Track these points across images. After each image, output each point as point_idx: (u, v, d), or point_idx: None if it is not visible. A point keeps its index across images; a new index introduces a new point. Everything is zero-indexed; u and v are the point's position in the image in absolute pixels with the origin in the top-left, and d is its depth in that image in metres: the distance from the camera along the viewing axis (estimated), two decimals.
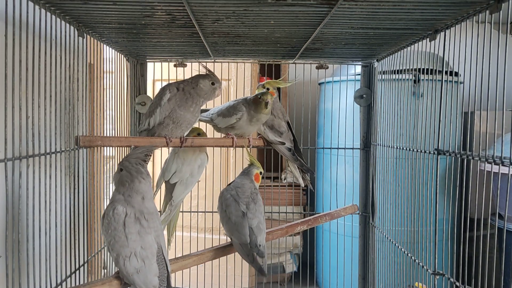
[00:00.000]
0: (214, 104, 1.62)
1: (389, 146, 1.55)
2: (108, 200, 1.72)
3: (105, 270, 2.02)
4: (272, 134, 1.46)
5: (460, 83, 2.37)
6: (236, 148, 2.72)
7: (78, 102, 1.22)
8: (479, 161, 1.00)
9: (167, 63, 1.75)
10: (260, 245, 1.17)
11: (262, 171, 1.33)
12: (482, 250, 0.99)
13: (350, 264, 1.85)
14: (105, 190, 1.70)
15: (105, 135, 1.74)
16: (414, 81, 1.68)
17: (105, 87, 1.70)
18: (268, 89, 1.47)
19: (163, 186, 1.50)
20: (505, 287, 0.93)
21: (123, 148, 1.60)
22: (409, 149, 1.40)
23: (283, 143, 1.47)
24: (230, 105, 1.44)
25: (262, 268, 1.16)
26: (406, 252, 1.42)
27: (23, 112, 0.91)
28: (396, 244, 1.50)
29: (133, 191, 1.01)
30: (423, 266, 1.28)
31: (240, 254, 1.19)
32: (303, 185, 1.56)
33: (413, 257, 1.36)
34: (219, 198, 1.28)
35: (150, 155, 1.40)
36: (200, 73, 1.35)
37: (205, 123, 1.55)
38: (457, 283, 1.08)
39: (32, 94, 0.96)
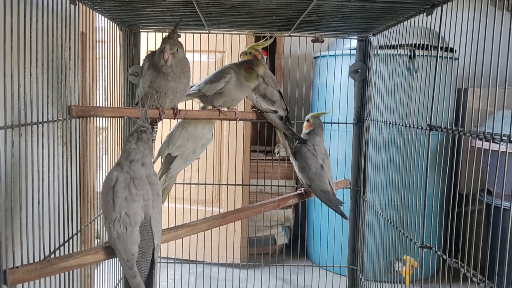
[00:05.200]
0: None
1: (382, 122, 1.56)
2: (101, 170, 1.73)
3: (98, 240, 2.04)
4: (264, 103, 1.46)
5: (455, 59, 2.37)
6: (230, 122, 2.72)
7: (70, 71, 1.21)
8: (470, 138, 1.01)
9: (161, 33, 1.72)
10: (335, 194, 1.41)
11: None
12: (470, 225, 1.01)
13: (340, 237, 1.88)
14: (97, 161, 1.70)
15: (98, 105, 1.73)
16: (410, 57, 1.67)
17: (97, 57, 1.68)
18: (254, 53, 1.46)
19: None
20: (491, 261, 0.95)
21: (116, 119, 1.59)
22: (402, 125, 1.41)
23: (276, 111, 1.46)
24: (218, 71, 1.44)
25: (343, 212, 1.37)
26: (395, 225, 1.44)
27: (15, 81, 0.90)
28: (386, 218, 1.52)
29: (143, 159, 1.02)
30: (411, 240, 1.30)
31: (321, 199, 1.40)
32: (291, 155, 1.57)
33: (402, 231, 1.39)
34: (296, 152, 1.46)
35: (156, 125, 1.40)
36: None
37: (191, 100, 1.54)
38: (444, 256, 1.10)
39: (24, 62, 0.94)
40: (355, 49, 1.78)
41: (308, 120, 1.51)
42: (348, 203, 1.83)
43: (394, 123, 1.47)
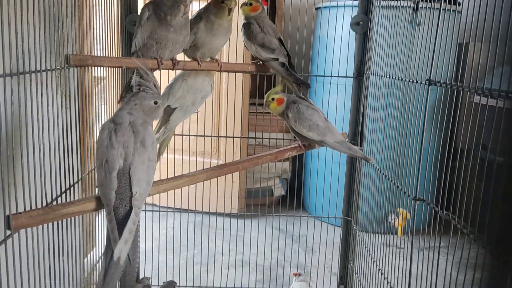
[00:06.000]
0: None
1: (382, 76, 1.55)
2: (99, 120, 1.73)
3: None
4: (264, 52, 1.44)
5: (458, 12, 2.32)
6: (229, 74, 2.69)
7: (67, 19, 1.19)
8: (468, 93, 1.01)
9: None
10: None
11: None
12: (463, 179, 1.03)
13: (336, 189, 1.92)
14: (96, 111, 1.70)
15: (95, 54, 1.71)
16: (413, 9, 1.64)
17: (94, 4, 1.64)
18: (255, 4, 1.43)
19: None
20: (483, 215, 0.98)
21: (114, 68, 1.58)
22: (402, 79, 1.40)
23: (277, 59, 1.44)
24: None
25: (366, 156, 1.40)
26: (390, 179, 1.47)
27: (12, 28, 0.89)
28: (382, 171, 1.55)
29: (131, 110, 1.03)
30: (405, 192, 1.33)
31: (340, 150, 1.39)
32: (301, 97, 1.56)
33: (396, 184, 1.42)
34: (293, 114, 1.40)
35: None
36: None
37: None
38: (436, 208, 1.13)
39: (21, 9, 0.93)
40: (357, 0, 1.74)
41: (273, 99, 1.42)
42: (345, 157, 1.85)
43: (393, 77, 1.46)
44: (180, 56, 1.38)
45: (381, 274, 1.50)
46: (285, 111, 1.43)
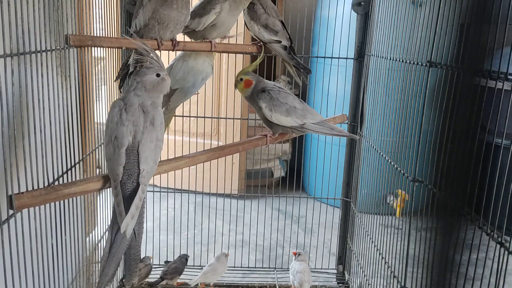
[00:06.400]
0: None
1: (382, 57, 1.54)
2: (99, 101, 1.73)
3: (99, 170, 2.09)
4: (267, 33, 1.43)
5: None
6: (229, 55, 2.68)
7: None
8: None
9: None
10: None
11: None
12: (461, 161, 1.03)
13: (335, 171, 1.93)
14: (96, 92, 1.70)
15: (94, 35, 1.70)
16: None
17: None
18: None
19: None
20: (479, 195, 0.99)
21: (114, 49, 1.57)
22: (403, 61, 1.40)
23: (279, 41, 1.44)
24: (204, 2, 1.39)
25: (351, 133, 1.39)
26: (389, 160, 1.48)
27: (12, 8, 0.88)
28: (381, 153, 1.55)
29: (135, 91, 1.04)
30: (404, 174, 1.34)
31: (322, 131, 1.34)
32: (300, 84, 1.57)
33: (395, 165, 1.42)
34: (264, 97, 1.30)
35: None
36: None
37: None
38: (434, 190, 1.14)
39: None
40: None
41: (242, 79, 1.32)
42: (345, 138, 1.86)
43: (394, 59, 1.46)
44: (179, 37, 1.38)
45: (379, 254, 1.52)
46: (255, 100, 1.31)
